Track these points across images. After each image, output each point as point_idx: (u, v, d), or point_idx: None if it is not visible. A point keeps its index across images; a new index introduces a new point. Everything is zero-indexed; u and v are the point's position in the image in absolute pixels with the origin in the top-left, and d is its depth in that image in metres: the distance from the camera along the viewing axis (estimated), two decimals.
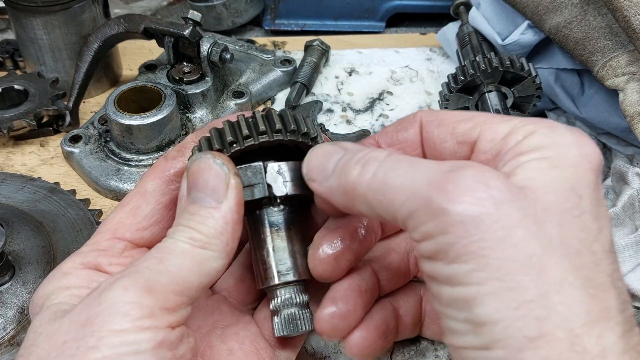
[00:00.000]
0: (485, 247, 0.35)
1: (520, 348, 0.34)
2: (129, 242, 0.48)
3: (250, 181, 0.46)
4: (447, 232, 0.36)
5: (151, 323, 0.38)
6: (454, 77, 0.72)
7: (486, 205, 0.36)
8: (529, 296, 0.35)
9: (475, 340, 0.36)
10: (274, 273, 0.47)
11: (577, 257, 0.37)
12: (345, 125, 0.84)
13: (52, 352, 0.38)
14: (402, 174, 0.39)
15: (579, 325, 0.35)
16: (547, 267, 0.36)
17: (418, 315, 0.54)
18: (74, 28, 0.81)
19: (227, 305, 0.52)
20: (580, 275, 0.36)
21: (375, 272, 0.52)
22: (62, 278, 0.45)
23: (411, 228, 0.39)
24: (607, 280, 0.37)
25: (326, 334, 0.48)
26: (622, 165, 0.66)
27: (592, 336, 0.35)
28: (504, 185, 0.37)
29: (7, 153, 0.79)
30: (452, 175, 0.37)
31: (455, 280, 0.37)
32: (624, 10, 0.61)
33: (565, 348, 0.34)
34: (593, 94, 0.73)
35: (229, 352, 0.48)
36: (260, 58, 0.90)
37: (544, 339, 0.34)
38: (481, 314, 0.35)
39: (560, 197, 0.38)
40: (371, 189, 0.40)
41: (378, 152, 0.42)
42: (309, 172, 0.45)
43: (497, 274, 0.35)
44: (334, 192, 0.43)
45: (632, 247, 0.59)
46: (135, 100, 0.75)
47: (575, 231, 0.38)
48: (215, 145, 0.46)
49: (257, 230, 0.49)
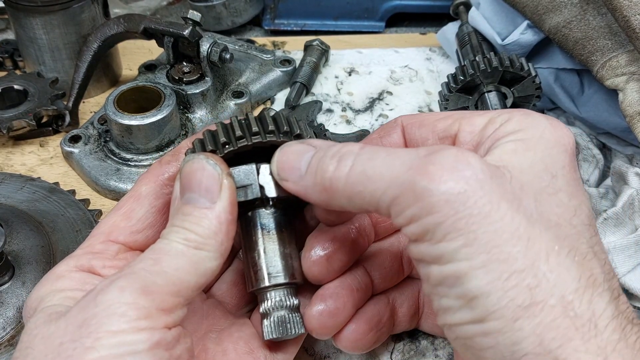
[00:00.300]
0: (473, 223, 0.36)
1: (514, 317, 0.35)
2: (122, 245, 0.48)
3: (243, 182, 0.46)
4: (433, 212, 0.37)
5: (148, 324, 0.38)
6: (454, 77, 0.72)
7: (470, 182, 0.37)
8: (518, 266, 0.36)
9: (469, 315, 0.37)
10: (264, 275, 0.47)
11: (558, 229, 0.38)
12: (345, 125, 0.84)
13: (48, 354, 0.38)
14: (381, 163, 0.40)
15: (570, 291, 0.36)
16: (533, 238, 0.36)
17: (415, 307, 0.54)
18: (74, 28, 0.81)
19: (221, 309, 0.52)
20: (565, 245, 0.37)
21: (368, 271, 0.52)
22: (56, 281, 0.45)
23: (395, 214, 0.39)
24: (590, 250, 0.39)
25: (315, 331, 0.48)
26: (622, 165, 0.66)
27: (583, 302, 0.36)
28: (483, 164, 0.38)
29: (7, 153, 0.79)
30: (431, 157, 0.38)
31: (444, 259, 0.37)
32: (624, 10, 0.61)
33: (558, 314, 0.35)
34: (593, 94, 0.73)
35: (223, 353, 0.48)
36: (260, 58, 0.90)
37: (537, 306, 0.35)
38: (473, 288, 0.36)
39: (535, 177, 0.40)
40: (350, 182, 0.41)
41: (351, 145, 0.43)
42: (280, 172, 0.45)
43: (486, 247, 0.36)
44: (310, 190, 0.44)
45: (632, 247, 0.59)
46: (135, 100, 0.75)
47: (552, 207, 0.39)
48: (209, 147, 0.46)
49: (248, 232, 0.49)
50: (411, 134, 0.49)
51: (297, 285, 0.49)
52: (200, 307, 0.51)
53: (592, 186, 0.68)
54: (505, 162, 0.40)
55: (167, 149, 0.75)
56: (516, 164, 0.40)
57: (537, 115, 0.44)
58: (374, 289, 0.52)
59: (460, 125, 0.46)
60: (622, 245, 0.59)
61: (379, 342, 0.53)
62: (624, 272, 0.59)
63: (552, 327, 0.35)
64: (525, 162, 0.40)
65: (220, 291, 0.54)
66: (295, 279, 0.48)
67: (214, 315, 0.51)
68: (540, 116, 0.44)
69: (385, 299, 0.53)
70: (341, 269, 0.50)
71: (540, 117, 0.44)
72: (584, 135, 0.74)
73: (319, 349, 0.57)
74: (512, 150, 0.41)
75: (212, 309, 0.52)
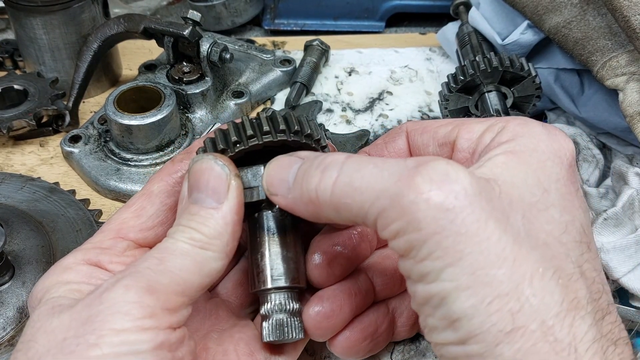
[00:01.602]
0: (459, 242, 0.35)
1: (495, 342, 0.35)
2: (131, 242, 0.48)
3: (251, 183, 0.46)
4: (419, 228, 0.36)
5: (152, 323, 0.38)
6: (454, 77, 0.72)
7: (459, 197, 0.36)
8: (502, 289, 0.35)
9: (452, 336, 0.37)
10: (266, 277, 0.47)
11: (545, 249, 0.37)
12: (345, 125, 0.84)
13: (51, 349, 0.38)
14: (369, 174, 0.39)
15: (551, 316, 0.35)
16: (519, 259, 0.36)
17: (416, 316, 0.54)
18: (74, 28, 0.81)
19: (225, 309, 0.52)
20: (550, 266, 0.37)
21: (370, 278, 0.52)
22: (63, 273, 0.45)
23: (381, 227, 0.38)
24: (577, 270, 0.38)
25: (311, 332, 0.48)
26: (622, 165, 0.65)
27: (564, 326, 0.35)
28: (472, 178, 0.37)
29: (7, 153, 0.79)
30: (420, 169, 0.37)
31: (429, 278, 0.37)
32: (624, 10, 0.61)
33: (538, 339, 0.35)
34: (593, 94, 0.73)
35: (223, 354, 0.48)
36: (260, 58, 0.90)
37: (518, 332, 0.35)
38: (456, 310, 0.36)
39: (525, 192, 0.39)
40: (336, 193, 0.40)
41: (336, 155, 0.42)
42: (269, 187, 0.45)
43: (471, 269, 0.35)
44: (297, 202, 0.43)
45: (632, 247, 0.59)
46: (135, 100, 0.75)
47: (541, 224, 0.38)
48: (220, 145, 0.46)
49: (254, 233, 0.49)
50: (414, 140, 0.49)
51: (299, 289, 0.49)
52: (204, 307, 0.51)
53: (592, 186, 0.68)
54: (495, 175, 0.39)
55: (167, 148, 0.75)
56: (507, 177, 0.39)
57: (534, 124, 0.43)
58: (376, 296, 0.52)
59: (459, 132, 0.46)
60: (622, 245, 0.59)
61: (374, 350, 0.53)
62: (624, 272, 0.59)
63: (532, 352, 0.35)
64: (517, 176, 0.39)
65: (226, 290, 0.54)
66: (297, 283, 0.48)
67: (217, 315, 0.51)
68: (537, 125, 0.43)
69: (385, 308, 0.52)
70: (343, 274, 0.50)
71: (537, 125, 0.43)
72: (584, 135, 0.74)
73: (320, 349, 0.57)
74: (503, 163, 0.40)
75: (216, 309, 0.52)
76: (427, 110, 0.86)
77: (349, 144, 0.79)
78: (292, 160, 0.44)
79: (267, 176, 0.45)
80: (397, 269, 0.53)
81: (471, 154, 0.45)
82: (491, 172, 0.39)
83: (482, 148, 0.44)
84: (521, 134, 0.42)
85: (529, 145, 0.41)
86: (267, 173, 0.45)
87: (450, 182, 0.36)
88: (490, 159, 0.41)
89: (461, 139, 0.46)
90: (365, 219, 0.39)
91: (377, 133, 0.83)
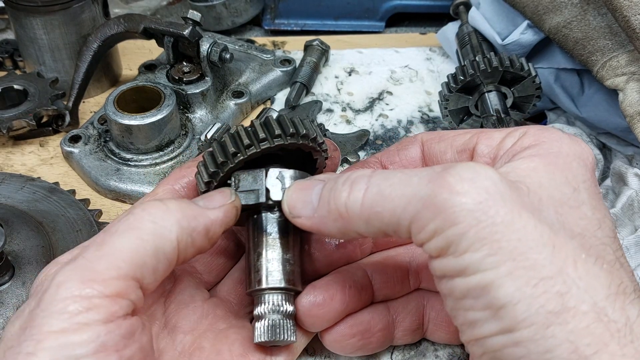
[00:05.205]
0: (496, 232, 0.35)
1: (546, 324, 0.34)
2: None
3: (251, 186, 0.47)
4: (455, 222, 0.36)
5: (91, 317, 0.36)
6: (454, 77, 0.72)
7: (490, 192, 0.36)
8: (546, 273, 0.35)
9: (497, 325, 0.36)
10: (262, 277, 0.48)
11: (582, 239, 0.37)
12: (345, 125, 0.84)
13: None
14: (397, 181, 0.39)
15: (602, 298, 0.35)
16: (558, 245, 0.36)
17: (418, 322, 0.54)
18: (74, 28, 0.81)
19: (223, 309, 0.52)
20: (591, 253, 0.37)
21: (368, 275, 0.52)
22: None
23: (416, 230, 0.38)
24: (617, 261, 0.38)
25: (301, 320, 0.49)
26: (622, 166, 0.65)
27: (616, 308, 0.35)
28: (500, 176, 0.38)
29: (7, 153, 0.79)
30: (450, 170, 0.38)
31: (469, 270, 0.36)
32: (624, 10, 0.61)
33: (592, 320, 0.34)
34: (593, 94, 0.73)
35: (217, 354, 0.48)
36: (260, 58, 0.90)
37: (569, 313, 0.34)
38: (500, 296, 0.35)
39: (555, 191, 0.39)
40: (367, 203, 0.40)
41: (362, 170, 0.43)
42: (292, 211, 0.45)
43: (511, 255, 0.35)
44: (325, 220, 0.43)
45: (632, 248, 0.59)
46: (135, 100, 0.75)
47: (575, 219, 0.38)
48: (219, 159, 0.47)
49: (253, 234, 0.49)
50: (430, 148, 0.50)
51: (295, 292, 0.49)
52: (201, 306, 0.51)
53: None
54: (521, 177, 0.39)
55: (167, 148, 0.75)
56: (535, 179, 0.39)
57: (553, 130, 0.43)
58: (375, 295, 0.52)
59: (479, 139, 0.46)
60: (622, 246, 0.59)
61: (365, 350, 0.53)
62: None
63: (587, 333, 0.34)
64: (545, 177, 0.40)
65: (226, 287, 0.54)
66: (293, 285, 0.48)
67: (214, 315, 0.51)
68: (557, 130, 0.44)
69: (384, 309, 0.52)
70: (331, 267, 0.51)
71: (557, 131, 0.43)
72: (584, 136, 0.74)
73: (320, 349, 0.57)
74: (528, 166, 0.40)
75: (214, 309, 0.52)
76: (427, 110, 0.86)
77: (349, 144, 0.79)
78: (313, 183, 0.45)
79: (289, 199, 0.46)
80: (398, 269, 0.53)
81: (492, 159, 0.45)
82: (517, 175, 0.40)
83: (504, 153, 0.44)
84: (543, 139, 0.42)
85: (553, 148, 0.41)
86: (289, 197, 0.46)
87: (480, 178, 0.37)
88: (514, 163, 0.41)
89: (481, 145, 0.46)
90: (398, 226, 0.39)
91: (377, 133, 0.83)
